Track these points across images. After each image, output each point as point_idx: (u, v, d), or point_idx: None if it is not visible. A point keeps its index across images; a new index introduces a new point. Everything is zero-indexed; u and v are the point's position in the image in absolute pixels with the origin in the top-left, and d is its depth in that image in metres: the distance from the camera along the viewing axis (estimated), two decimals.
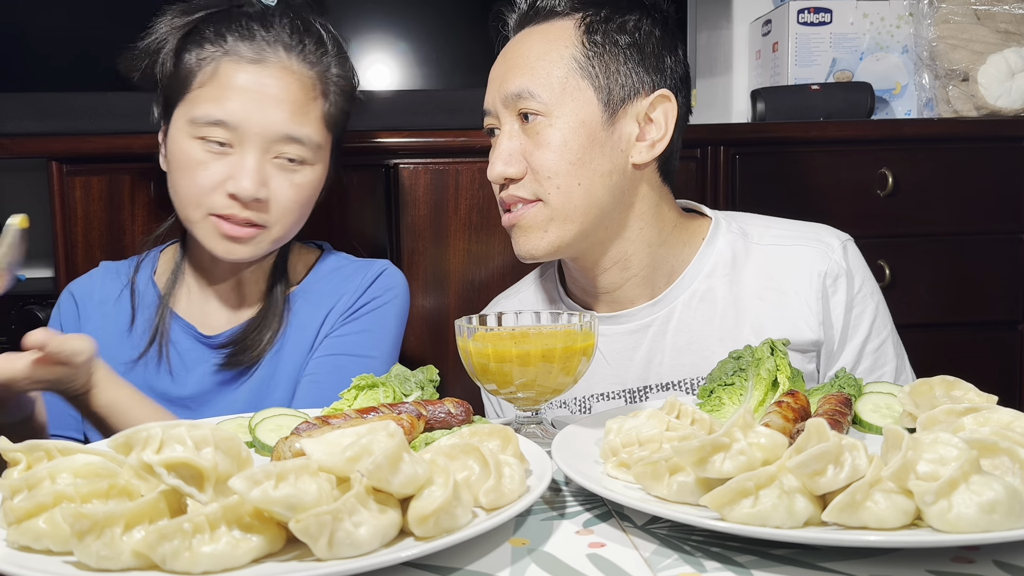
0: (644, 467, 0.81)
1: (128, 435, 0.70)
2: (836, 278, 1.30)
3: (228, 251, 1.29)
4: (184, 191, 1.28)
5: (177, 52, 1.29)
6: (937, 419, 0.86)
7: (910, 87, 2.13)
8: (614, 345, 1.34)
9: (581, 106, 1.23)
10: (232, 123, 1.25)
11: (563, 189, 1.23)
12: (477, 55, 2.27)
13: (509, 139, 1.26)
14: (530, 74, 1.24)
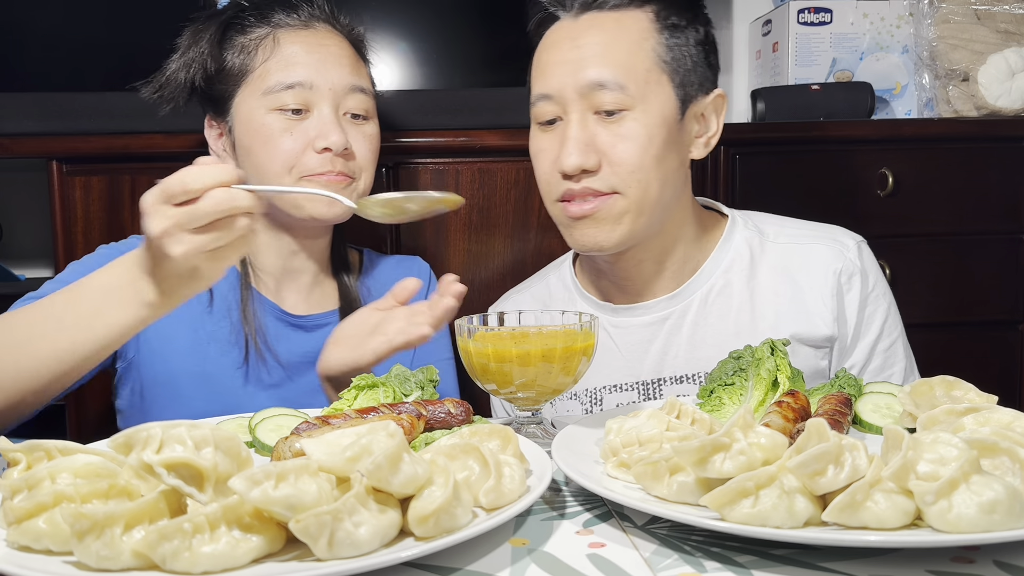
0: (644, 467, 0.81)
1: (128, 435, 0.70)
2: (851, 276, 1.32)
3: (330, 206, 1.32)
4: (274, 161, 1.31)
5: (219, 50, 1.34)
6: (937, 419, 0.86)
7: (910, 87, 2.13)
8: (629, 337, 1.36)
9: (663, 101, 1.23)
10: (307, 83, 1.31)
11: (643, 183, 1.23)
12: (477, 55, 2.27)
13: (582, 129, 1.23)
14: (614, 65, 1.21)
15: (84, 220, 1.68)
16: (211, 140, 1.40)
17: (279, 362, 1.36)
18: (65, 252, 1.67)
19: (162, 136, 1.67)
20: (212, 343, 1.34)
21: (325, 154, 1.30)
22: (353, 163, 1.35)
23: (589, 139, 1.22)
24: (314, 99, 1.31)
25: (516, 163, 1.78)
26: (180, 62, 1.36)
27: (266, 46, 1.33)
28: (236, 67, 1.33)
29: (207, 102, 1.38)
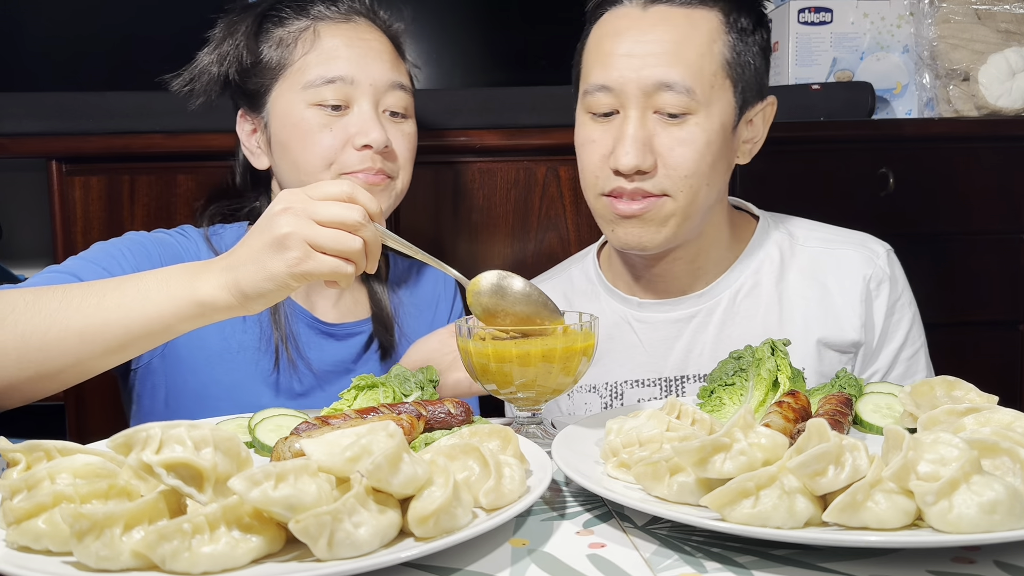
0: (644, 467, 0.81)
1: (128, 435, 0.70)
2: (880, 283, 1.33)
3: None
4: (312, 158, 1.28)
5: (256, 42, 1.31)
6: (938, 419, 0.86)
7: (911, 87, 2.12)
8: (654, 333, 1.35)
9: (724, 108, 1.21)
10: (347, 78, 1.28)
11: (694, 188, 1.21)
12: (477, 55, 2.27)
13: (641, 127, 1.20)
14: (684, 66, 1.18)
15: (84, 220, 1.68)
16: (243, 136, 1.37)
17: (311, 369, 1.34)
18: (65, 252, 1.67)
19: (162, 136, 1.67)
20: (242, 352, 1.31)
21: (365, 151, 1.28)
22: (393, 161, 1.32)
23: (647, 139, 1.20)
24: (354, 94, 1.29)
25: (516, 163, 1.78)
26: (214, 55, 1.32)
27: (306, 39, 1.29)
28: (273, 60, 1.30)
29: (241, 96, 1.35)
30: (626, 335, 1.37)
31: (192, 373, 1.28)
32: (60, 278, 1.14)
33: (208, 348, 1.29)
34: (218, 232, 1.38)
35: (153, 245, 1.29)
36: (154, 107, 1.68)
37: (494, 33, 2.27)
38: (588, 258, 1.47)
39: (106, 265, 1.20)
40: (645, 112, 1.20)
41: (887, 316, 1.33)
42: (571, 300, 1.44)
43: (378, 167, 1.29)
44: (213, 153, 1.63)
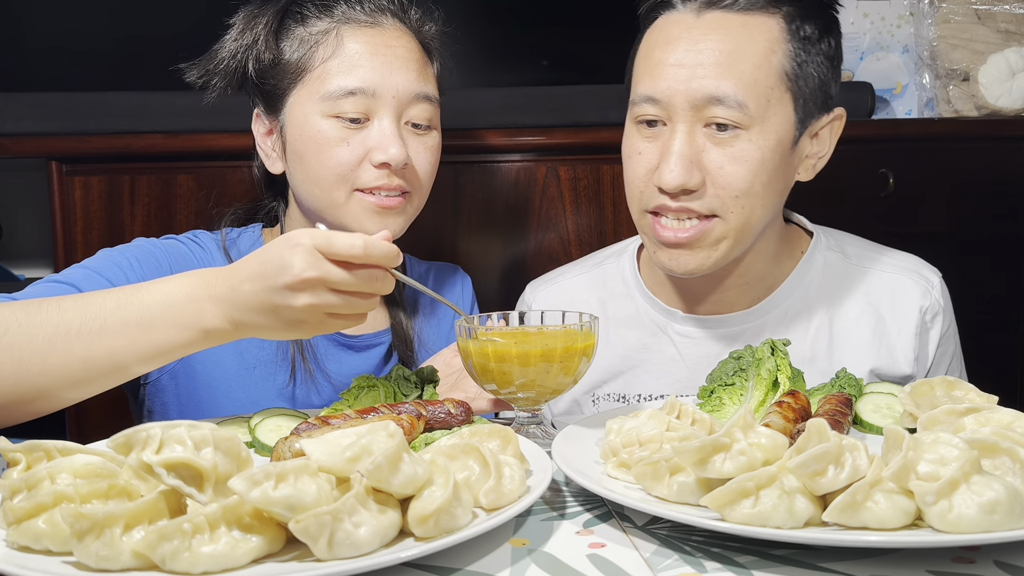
0: (644, 467, 0.81)
1: (128, 435, 0.70)
2: (935, 315, 1.29)
3: (384, 225, 1.24)
4: (326, 172, 1.22)
5: (276, 39, 1.25)
6: (938, 419, 0.86)
7: (911, 87, 2.13)
8: (696, 349, 1.29)
9: (781, 122, 1.13)
10: (369, 89, 1.21)
11: (747, 209, 1.13)
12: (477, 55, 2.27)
13: (689, 143, 1.12)
14: (737, 78, 1.10)
15: (84, 220, 1.68)
16: (258, 136, 1.31)
17: (330, 382, 1.31)
18: (65, 252, 1.67)
19: (162, 136, 1.67)
20: (258, 367, 1.27)
21: (382, 168, 1.22)
22: (412, 178, 1.26)
23: (695, 155, 1.12)
24: (375, 107, 1.22)
25: (516, 163, 1.78)
26: (232, 47, 1.26)
27: (327, 43, 1.22)
28: (293, 62, 1.23)
29: (258, 94, 1.29)
30: (665, 347, 1.31)
31: (207, 390, 1.25)
32: (60, 289, 1.11)
33: (224, 365, 1.25)
34: (233, 238, 1.34)
35: (164, 254, 1.25)
36: (154, 107, 1.68)
37: (494, 33, 2.27)
38: (625, 257, 1.39)
39: (110, 276, 1.16)
40: (694, 126, 1.12)
41: (937, 348, 1.29)
42: (604, 302, 1.36)
43: (395, 184, 1.23)
44: (213, 153, 1.63)
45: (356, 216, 1.25)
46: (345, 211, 1.24)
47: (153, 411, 1.28)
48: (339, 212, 1.25)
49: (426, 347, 1.41)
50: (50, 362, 0.92)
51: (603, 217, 1.79)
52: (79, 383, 0.95)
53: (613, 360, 1.33)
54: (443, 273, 1.52)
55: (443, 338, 1.44)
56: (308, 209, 1.29)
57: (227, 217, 1.39)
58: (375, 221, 1.25)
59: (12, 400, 0.94)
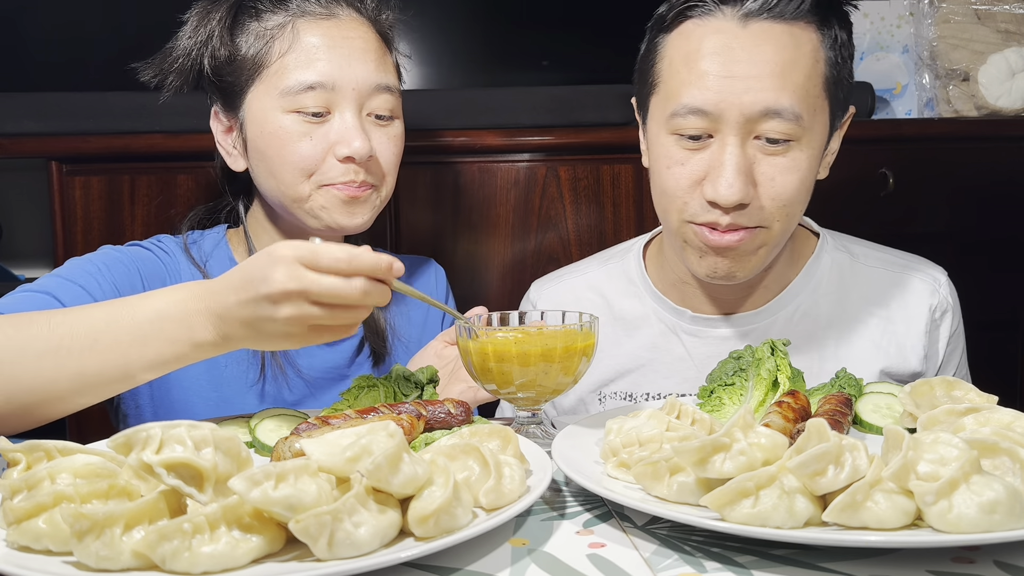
0: (644, 467, 0.81)
1: (128, 435, 0.70)
2: (944, 313, 1.29)
3: (351, 216, 1.24)
4: (289, 168, 1.21)
5: (231, 36, 1.23)
6: (938, 419, 0.86)
7: (910, 87, 2.12)
8: (705, 349, 1.29)
9: (822, 129, 1.14)
10: (328, 83, 1.20)
11: (790, 216, 1.14)
12: (477, 55, 2.27)
13: (743, 156, 1.10)
14: (792, 90, 1.08)
15: (84, 220, 1.68)
16: (218, 134, 1.31)
17: (302, 377, 1.30)
18: (65, 252, 1.67)
19: (162, 136, 1.67)
20: (229, 365, 1.27)
21: (347, 163, 1.21)
22: (376, 169, 1.26)
23: (747, 168, 1.10)
24: (336, 100, 1.21)
25: (516, 163, 1.78)
26: (187, 44, 1.25)
27: (284, 37, 1.21)
28: (250, 57, 1.22)
29: (215, 91, 1.27)
30: (674, 347, 1.31)
31: (179, 389, 1.25)
32: (37, 299, 1.10)
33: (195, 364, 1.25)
34: (195, 240, 1.34)
35: (130, 260, 1.24)
36: (154, 107, 1.67)
37: (494, 33, 2.27)
38: (631, 256, 1.37)
39: (83, 283, 1.16)
40: (746, 139, 1.10)
41: (946, 346, 1.29)
42: (610, 301, 1.36)
43: (361, 178, 1.23)
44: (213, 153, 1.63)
45: (323, 209, 1.24)
46: (312, 204, 1.24)
47: (128, 414, 1.28)
48: (305, 205, 1.24)
49: (399, 337, 1.40)
50: (42, 378, 0.93)
51: (603, 217, 1.79)
52: (71, 398, 0.95)
53: (621, 359, 1.33)
54: (416, 266, 1.51)
55: (416, 329, 1.43)
56: (275, 205, 1.29)
57: (188, 219, 1.38)
58: (343, 212, 1.24)
59: (4, 414, 0.94)
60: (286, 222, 1.31)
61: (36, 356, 0.92)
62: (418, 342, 1.37)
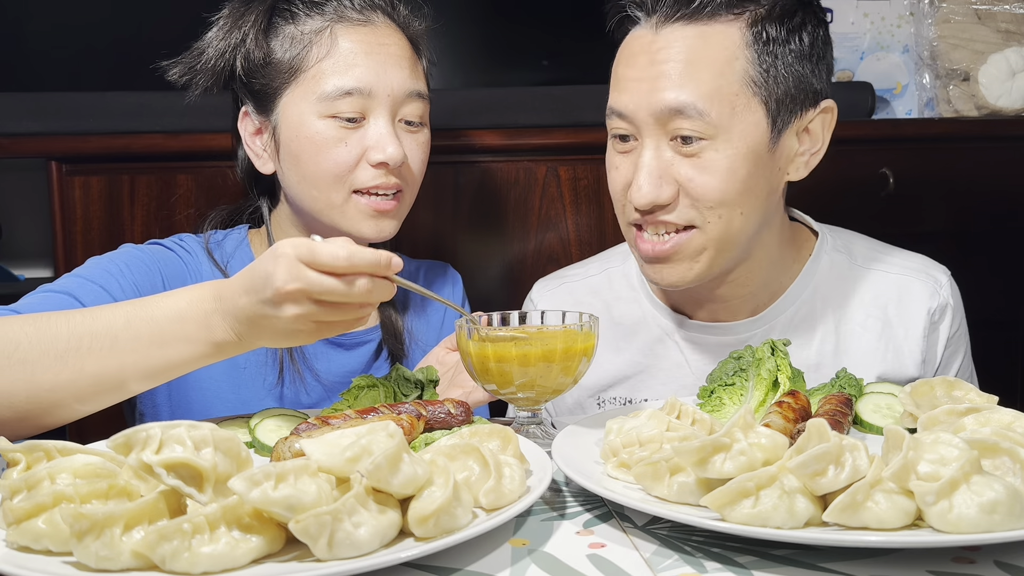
0: (644, 467, 0.81)
1: (128, 435, 0.70)
2: (943, 314, 1.27)
3: (379, 228, 1.25)
4: (323, 173, 1.22)
5: (265, 38, 1.23)
6: (938, 419, 0.86)
7: (911, 87, 2.13)
8: (703, 356, 1.28)
9: (750, 129, 1.11)
10: (365, 89, 1.21)
11: (724, 219, 1.12)
12: (477, 55, 2.27)
13: (657, 158, 1.12)
14: (694, 87, 1.09)
15: (83, 220, 1.68)
16: (245, 135, 1.30)
17: (319, 381, 1.30)
18: (65, 252, 1.67)
19: (162, 136, 1.67)
20: (248, 367, 1.27)
21: (380, 168, 1.22)
22: (407, 175, 1.27)
23: (664, 169, 1.12)
24: (371, 106, 1.22)
25: (516, 163, 1.78)
26: (220, 46, 1.24)
27: (321, 42, 1.21)
28: (285, 61, 1.22)
29: (246, 94, 1.27)
30: (671, 354, 1.30)
31: (198, 391, 1.25)
32: (57, 299, 1.10)
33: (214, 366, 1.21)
34: (218, 240, 1.34)
35: (151, 259, 1.25)
36: (154, 107, 1.67)
37: (494, 33, 2.27)
38: (631, 260, 1.36)
39: (104, 283, 1.16)
40: (660, 140, 1.12)
41: (945, 348, 1.28)
42: (610, 305, 1.35)
43: (392, 183, 1.24)
44: (213, 153, 1.63)
45: (352, 219, 1.25)
46: (342, 213, 1.25)
47: (145, 413, 1.28)
48: (335, 214, 1.25)
49: (417, 342, 1.41)
50: (62, 378, 0.93)
51: (603, 217, 1.79)
52: (90, 397, 0.96)
53: (619, 365, 1.33)
54: (434, 271, 1.51)
55: (434, 332, 1.43)
56: (302, 210, 1.29)
57: (211, 219, 1.38)
58: (370, 224, 1.25)
59: (24, 414, 0.95)
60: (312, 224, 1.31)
61: (56, 357, 0.93)
62: (436, 344, 1.37)
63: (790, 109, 1.13)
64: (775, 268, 1.26)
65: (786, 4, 1.13)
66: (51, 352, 0.93)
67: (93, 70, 2.03)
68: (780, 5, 1.12)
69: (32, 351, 0.93)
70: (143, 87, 1.66)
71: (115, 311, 0.95)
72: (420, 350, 1.40)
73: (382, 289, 0.89)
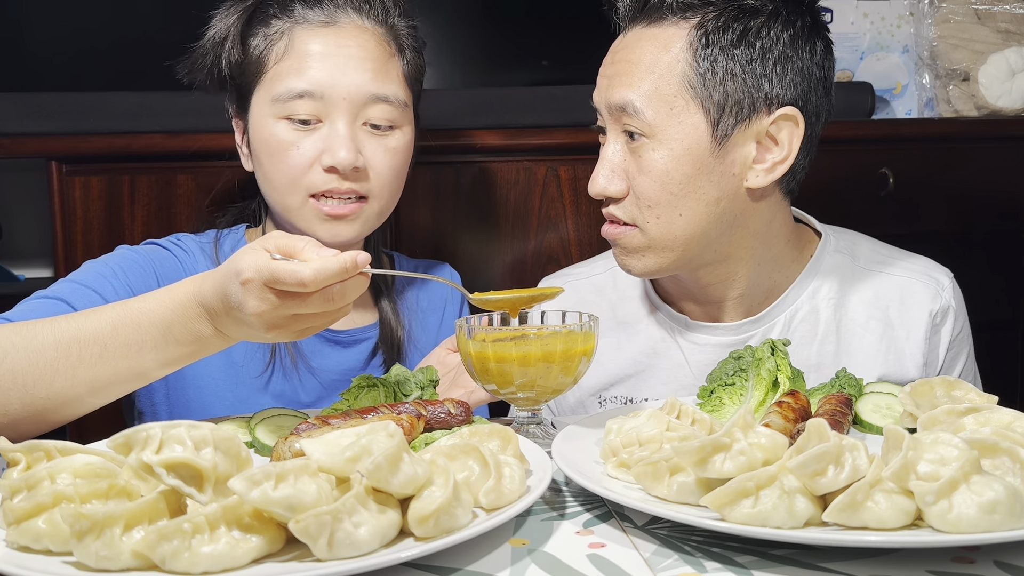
0: (644, 467, 0.81)
1: (128, 435, 0.70)
2: (945, 316, 1.27)
3: (334, 233, 1.24)
4: (279, 175, 1.23)
5: (243, 38, 1.24)
6: (938, 419, 0.86)
7: (911, 87, 2.13)
8: (702, 356, 1.28)
9: (689, 131, 1.12)
10: (317, 91, 1.20)
11: (663, 219, 1.14)
12: (477, 55, 2.27)
13: (614, 152, 1.17)
14: (635, 87, 1.13)
15: (84, 220, 1.68)
16: (237, 135, 1.32)
17: (317, 378, 1.31)
18: (65, 252, 1.67)
19: (162, 136, 1.67)
20: (245, 364, 1.28)
21: (332, 172, 1.21)
22: (366, 183, 1.24)
23: (619, 163, 1.16)
24: (327, 109, 1.21)
25: (516, 163, 1.78)
26: (208, 45, 1.27)
27: (280, 44, 1.22)
28: (254, 61, 1.23)
29: (233, 92, 1.29)
30: (672, 353, 1.30)
31: (196, 389, 1.26)
32: (50, 306, 1.11)
33: (211, 363, 1.25)
34: (215, 239, 1.34)
35: (145, 260, 1.25)
36: (154, 107, 1.67)
37: (494, 33, 2.27)
38: None
39: (97, 287, 1.16)
40: (619, 136, 1.16)
41: (947, 350, 1.28)
42: (614, 305, 1.36)
43: (346, 188, 1.22)
44: (213, 153, 1.62)
45: (308, 222, 1.25)
46: (299, 216, 1.25)
47: (144, 412, 1.28)
48: (293, 216, 1.26)
49: (414, 341, 1.41)
50: (56, 385, 0.95)
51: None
52: (86, 400, 0.98)
53: (621, 364, 1.33)
54: (432, 270, 1.52)
55: (432, 331, 1.43)
56: (272, 209, 1.31)
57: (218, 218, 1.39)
58: (325, 228, 1.24)
59: (20, 418, 0.96)
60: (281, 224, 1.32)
61: (47, 365, 0.94)
62: (434, 346, 1.37)
63: (734, 114, 1.12)
64: (768, 269, 1.25)
65: (742, 8, 1.13)
66: (41, 361, 0.94)
67: (93, 70, 2.03)
68: (731, 10, 1.12)
69: (20, 360, 0.94)
70: (143, 87, 1.66)
71: (101, 317, 0.96)
72: (416, 348, 1.40)
73: (356, 286, 0.89)
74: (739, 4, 1.13)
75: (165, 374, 0.99)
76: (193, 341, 0.95)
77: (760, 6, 1.13)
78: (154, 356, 0.95)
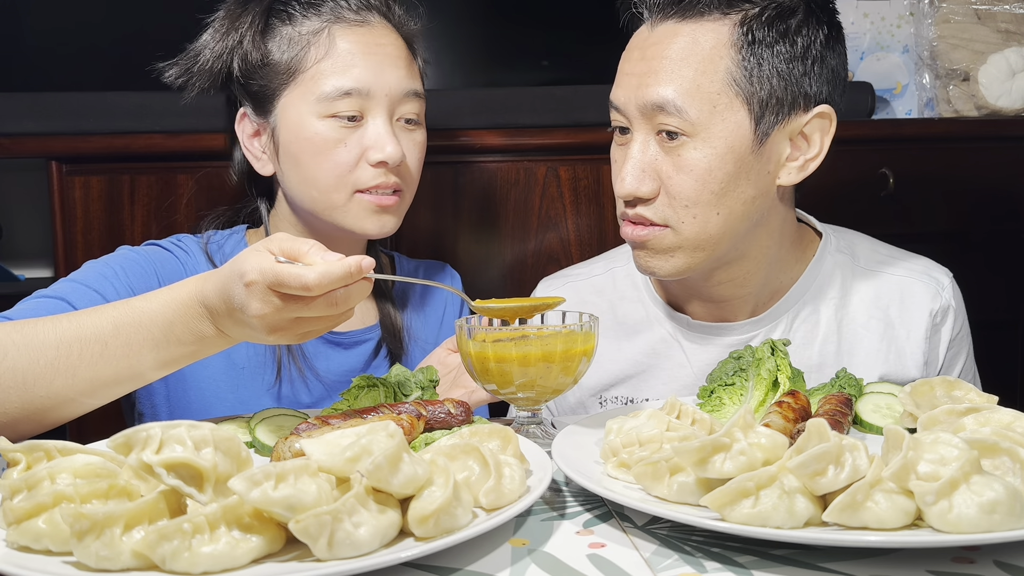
0: (644, 467, 0.81)
1: (128, 435, 0.70)
2: (945, 315, 1.28)
3: (381, 224, 1.26)
4: (324, 174, 1.23)
5: (263, 39, 1.24)
6: (938, 419, 0.86)
7: (911, 87, 2.13)
8: (704, 356, 1.28)
9: (732, 129, 1.11)
10: (363, 89, 1.22)
11: (699, 219, 1.13)
12: (478, 55, 2.27)
13: (643, 152, 1.14)
14: (677, 84, 1.10)
15: (84, 220, 1.68)
16: (243, 137, 1.30)
17: (319, 380, 1.31)
18: (65, 252, 1.67)
19: (162, 136, 1.67)
20: (247, 367, 1.28)
21: (379, 167, 1.23)
22: (405, 174, 1.27)
23: (649, 163, 1.13)
24: (369, 106, 1.23)
25: (516, 163, 1.78)
26: (217, 47, 1.25)
27: (319, 43, 1.22)
28: (283, 63, 1.23)
29: (244, 95, 1.28)
30: (674, 353, 1.30)
31: (197, 391, 1.26)
32: (51, 305, 1.11)
33: (213, 365, 1.25)
34: (216, 240, 1.34)
35: (146, 261, 1.25)
36: (154, 107, 1.68)
37: (495, 33, 2.27)
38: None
39: (98, 287, 1.16)
40: (649, 135, 1.14)
41: (947, 349, 1.28)
42: (614, 305, 1.35)
43: (392, 181, 1.25)
44: (213, 153, 1.63)
45: (356, 216, 1.25)
46: (344, 212, 1.25)
47: (144, 413, 1.28)
48: (337, 214, 1.25)
49: (416, 341, 1.41)
50: (56, 384, 0.95)
51: (603, 217, 1.79)
52: (84, 400, 0.98)
53: (622, 364, 1.33)
54: (432, 271, 1.52)
55: (433, 331, 1.44)
56: (302, 210, 1.29)
57: (209, 220, 1.39)
58: (373, 220, 1.26)
59: (19, 417, 0.96)
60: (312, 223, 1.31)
61: (47, 364, 0.94)
62: (435, 344, 1.38)
63: (776, 112, 1.12)
64: (776, 268, 1.25)
65: (782, 5, 1.12)
66: (41, 360, 0.94)
67: (93, 70, 2.04)
68: (774, 6, 1.12)
69: (21, 359, 0.94)
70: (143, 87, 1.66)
71: (102, 316, 0.96)
72: (419, 348, 1.40)
73: (360, 290, 0.90)
74: (778, 2, 1.12)
75: (165, 374, 0.99)
76: (194, 341, 0.95)
77: (795, 5, 1.13)
78: (155, 355, 0.95)
